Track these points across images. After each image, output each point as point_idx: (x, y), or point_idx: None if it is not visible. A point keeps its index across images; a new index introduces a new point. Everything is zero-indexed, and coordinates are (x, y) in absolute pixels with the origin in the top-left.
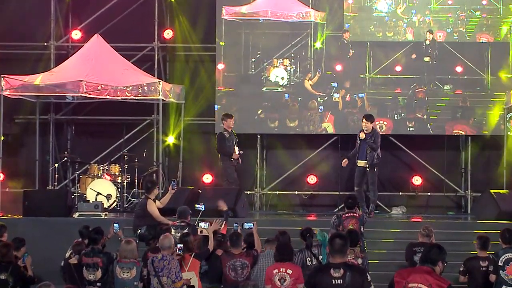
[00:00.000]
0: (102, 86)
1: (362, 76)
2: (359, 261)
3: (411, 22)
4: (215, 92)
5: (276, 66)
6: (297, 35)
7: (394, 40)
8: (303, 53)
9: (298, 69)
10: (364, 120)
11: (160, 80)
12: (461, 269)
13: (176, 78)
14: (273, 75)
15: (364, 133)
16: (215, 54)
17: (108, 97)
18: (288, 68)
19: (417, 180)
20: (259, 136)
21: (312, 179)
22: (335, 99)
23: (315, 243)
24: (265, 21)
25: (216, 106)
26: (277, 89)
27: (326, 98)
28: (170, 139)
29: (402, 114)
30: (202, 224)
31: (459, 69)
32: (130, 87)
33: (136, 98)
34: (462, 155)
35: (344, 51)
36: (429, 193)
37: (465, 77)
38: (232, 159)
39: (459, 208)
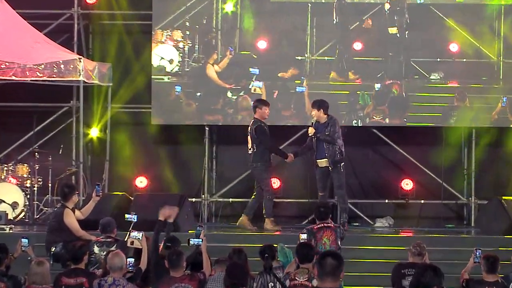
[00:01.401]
0: (6, 64)
1: (300, 58)
2: (315, 283)
3: None
4: (151, 73)
5: (161, 42)
6: None
7: (354, 1)
8: (204, 22)
9: (196, 46)
10: (312, 109)
11: (80, 57)
12: (463, 284)
13: (102, 55)
14: (156, 56)
15: (313, 127)
16: (152, 24)
17: (14, 78)
18: (181, 45)
19: (407, 185)
20: (207, 128)
21: (274, 183)
22: (255, 89)
23: (277, 264)
24: None
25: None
26: (163, 79)
27: (242, 93)
28: (94, 132)
29: (366, 119)
30: (134, 234)
31: (453, 47)
32: (42, 66)
33: (50, 79)
34: (465, 153)
35: (275, 18)
36: (422, 201)
37: (464, 60)
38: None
39: (460, 219)
